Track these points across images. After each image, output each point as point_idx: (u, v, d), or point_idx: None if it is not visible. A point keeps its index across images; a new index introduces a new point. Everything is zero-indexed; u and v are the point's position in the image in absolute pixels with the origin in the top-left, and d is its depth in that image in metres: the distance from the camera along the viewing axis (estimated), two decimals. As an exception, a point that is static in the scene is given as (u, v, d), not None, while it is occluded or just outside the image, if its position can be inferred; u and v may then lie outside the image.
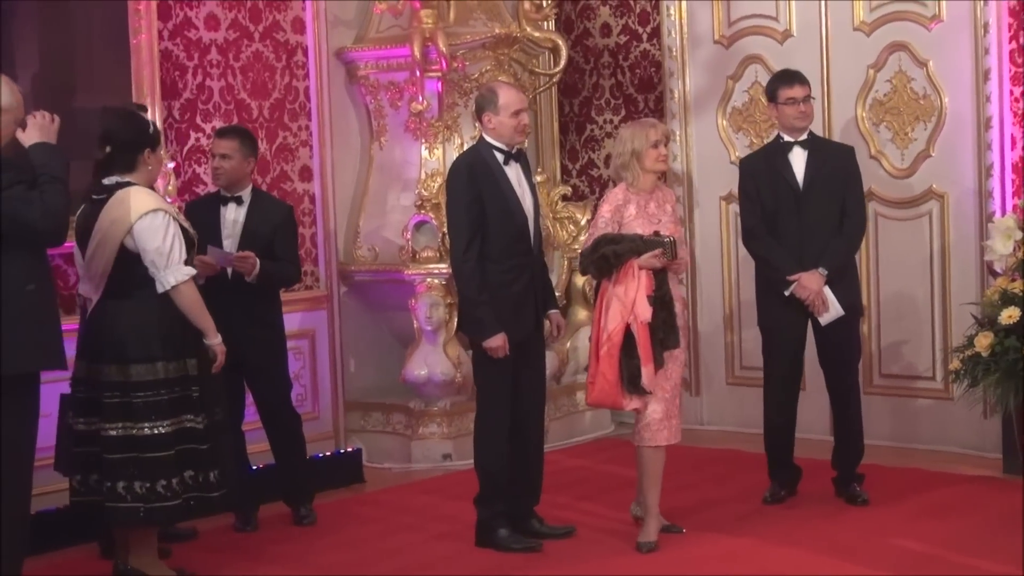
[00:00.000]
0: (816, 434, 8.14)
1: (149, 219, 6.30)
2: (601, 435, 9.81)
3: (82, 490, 6.46)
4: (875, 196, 9.01)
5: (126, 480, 6.29)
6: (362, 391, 9.36)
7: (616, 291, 6.89)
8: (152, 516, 6.37)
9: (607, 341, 6.88)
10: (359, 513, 7.97)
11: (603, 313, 6.94)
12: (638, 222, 6.99)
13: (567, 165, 10.55)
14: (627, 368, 6.86)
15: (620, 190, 7.06)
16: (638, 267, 6.87)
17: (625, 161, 7.04)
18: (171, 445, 6.34)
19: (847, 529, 7.17)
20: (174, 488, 6.33)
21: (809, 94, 7.64)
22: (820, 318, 7.50)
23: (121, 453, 6.30)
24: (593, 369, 6.99)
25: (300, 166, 8.91)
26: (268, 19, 8.74)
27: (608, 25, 10.34)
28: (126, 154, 6.44)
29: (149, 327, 6.34)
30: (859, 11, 9.11)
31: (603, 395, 6.95)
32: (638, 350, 6.83)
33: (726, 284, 9.70)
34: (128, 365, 6.30)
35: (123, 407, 6.31)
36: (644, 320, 6.84)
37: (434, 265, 8.93)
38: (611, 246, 6.90)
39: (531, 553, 6.99)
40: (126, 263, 6.34)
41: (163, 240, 6.31)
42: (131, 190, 6.39)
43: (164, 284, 6.33)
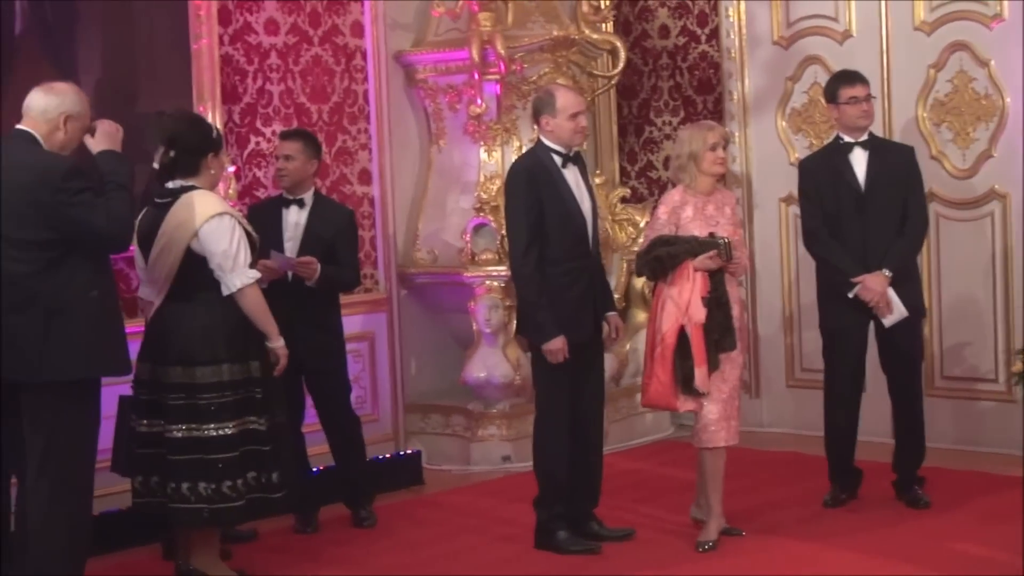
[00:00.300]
0: (877, 437, 8.07)
1: (216, 222, 6.35)
2: (660, 437, 9.79)
3: (143, 491, 6.50)
4: (936, 197, 8.95)
5: (191, 481, 6.34)
6: (422, 393, 9.39)
7: (670, 292, 6.90)
8: (216, 517, 6.42)
9: (660, 342, 6.90)
10: (418, 515, 7.99)
11: (658, 314, 6.95)
12: (695, 224, 6.99)
13: (626, 167, 10.54)
14: (681, 369, 6.87)
15: (677, 192, 7.07)
16: (693, 269, 6.87)
17: (683, 163, 7.06)
18: (236, 446, 6.38)
19: (909, 533, 7.13)
20: (239, 489, 6.38)
21: (870, 93, 7.60)
22: (884, 320, 7.45)
23: (186, 455, 6.35)
24: (648, 370, 7.01)
25: (359, 169, 8.95)
26: (327, 23, 8.78)
27: (666, 27, 10.32)
28: (190, 158, 6.49)
29: (214, 329, 6.39)
30: (919, 11, 9.05)
31: (657, 396, 6.97)
32: (692, 351, 6.84)
33: (785, 286, 9.66)
34: (193, 367, 6.35)
35: (188, 409, 6.35)
36: (698, 322, 6.85)
37: (493, 268, 8.94)
38: (665, 248, 6.91)
39: (590, 555, 6.98)
40: (191, 266, 6.38)
41: (229, 243, 6.35)
42: (196, 194, 6.44)
43: (230, 287, 6.38)
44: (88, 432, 5.89)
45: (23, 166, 5.72)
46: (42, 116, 5.84)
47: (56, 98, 5.86)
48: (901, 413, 7.68)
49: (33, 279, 5.69)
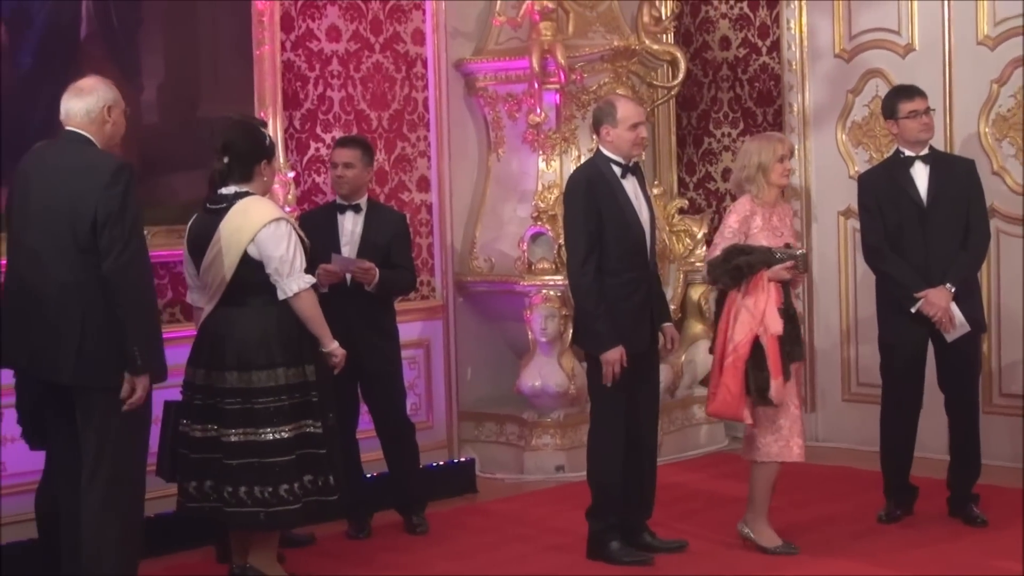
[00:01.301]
0: (933, 453, 8.01)
1: (273, 228, 6.40)
2: (715, 449, 9.76)
3: (197, 496, 6.53)
4: (997, 212, 8.89)
5: (247, 485, 6.37)
6: (476, 401, 9.40)
7: (746, 302, 6.91)
8: (273, 520, 6.45)
9: (732, 352, 6.90)
10: (471, 523, 8.00)
11: (729, 324, 6.94)
12: (763, 234, 7.03)
13: (684, 178, 10.52)
14: (755, 380, 6.86)
15: (747, 201, 7.09)
16: (767, 279, 6.89)
17: (751, 174, 7.07)
18: (292, 450, 6.41)
19: (962, 551, 7.08)
20: (295, 492, 6.41)
21: (929, 106, 7.55)
22: (947, 335, 7.40)
23: (242, 458, 6.38)
24: (715, 380, 7.01)
25: (418, 176, 8.97)
26: (389, 31, 8.81)
27: (727, 38, 10.30)
28: (244, 165, 6.53)
29: (269, 334, 6.43)
30: (983, 25, 8.99)
31: (724, 406, 6.96)
32: (767, 362, 6.84)
33: (844, 300, 9.61)
34: (250, 372, 6.39)
35: (244, 413, 6.39)
36: (775, 333, 6.86)
37: (550, 277, 8.95)
38: (744, 257, 6.93)
39: (642, 567, 6.97)
40: (247, 271, 6.42)
41: (287, 249, 6.40)
42: (252, 199, 6.49)
43: (286, 291, 6.42)
44: (140, 433, 5.93)
45: (80, 168, 5.77)
46: (87, 117, 5.90)
47: (92, 96, 5.92)
48: (957, 429, 7.62)
49: (76, 284, 5.73)
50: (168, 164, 7.71)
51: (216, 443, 6.43)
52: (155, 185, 7.54)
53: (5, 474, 7.08)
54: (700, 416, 9.82)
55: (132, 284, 5.76)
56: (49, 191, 5.79)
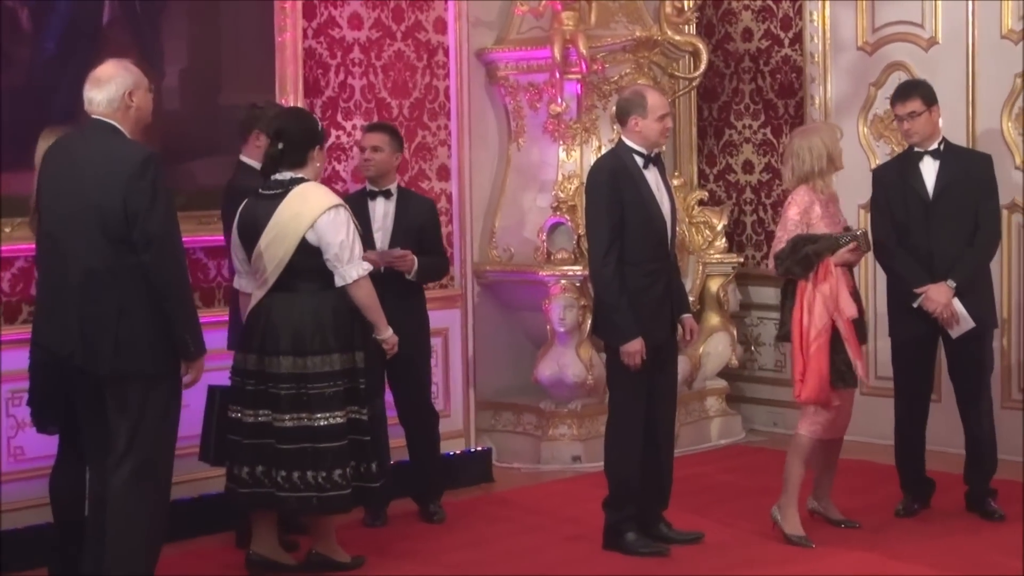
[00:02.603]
0: (952, 447, 8.00)
1: (332, 214, 6.48)
2: (732, 442, 9.76)
3: (250, 481, 6.57)
4: (1019, 208, 8.87)
5: (300, 470, 6.46)
6: (494, 391, 9.40)
7: (820, 289, 7.05)
8: (325, 505, 6.54)
9: (817, 338, 7.03)
10: (487, 512, 8.01)
11: (805, 312, 7.05)
12: (824, 222, 7.17)
13: (704, 170, 10.51)
14: (834, 364, 7.02)
15: (805, 192, 7.19)
16: (834, 264, 7.03)
17: (824, 166, 7.19)
18: (344, 435, 6.51)
19: (978, 546, 7.07)
20: (347, 477, 6.51)
21: (915, 110, 7.49)
22: (950, 331, 7.40)
23: (296, 443, 6.46)
24: (801, 367, 7.10)
25: (438, 165, 8.97)
26: (410, 19, 8.80)
27: (750, 30, 10.28)
28: (298, 151, 6.60)
29: (325, 319, 6.50)
30: (1007, 19, 8.96)
31: (817, 391, 7.06)
32: (845, 344, 7.02)
33: (863, 293, 9.54)
34: (305, 357, 6.47)
35: (299, 398, 6.47)
36: (851, 315, 7.06)
37: (569, 267, 8.95)
38: (811, 246, 7.06)
39: (659, 558, 6.98)
40: (304, 257, 6.49)
41: (347, 235, 6.49)
42: (310, 185, 6.58)
43: (346, 278, 6.50)
44: (171, 420, 5.95)
45: (106, 158, 5.77)
46: (109, 105, 5.89)
47: (111, 84, 5.89)
48: (969, 425, 7.62)
49: (109, 274, 5.74)
50: (189, 150, 7.72)
51: (269, 428, 6.49)
52: (175, 171, 7.53)
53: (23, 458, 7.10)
54: (717, 408, 9.83)
55: (174, 275, 5.79)
56: (77, 181, 5.78)
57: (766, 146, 10.13)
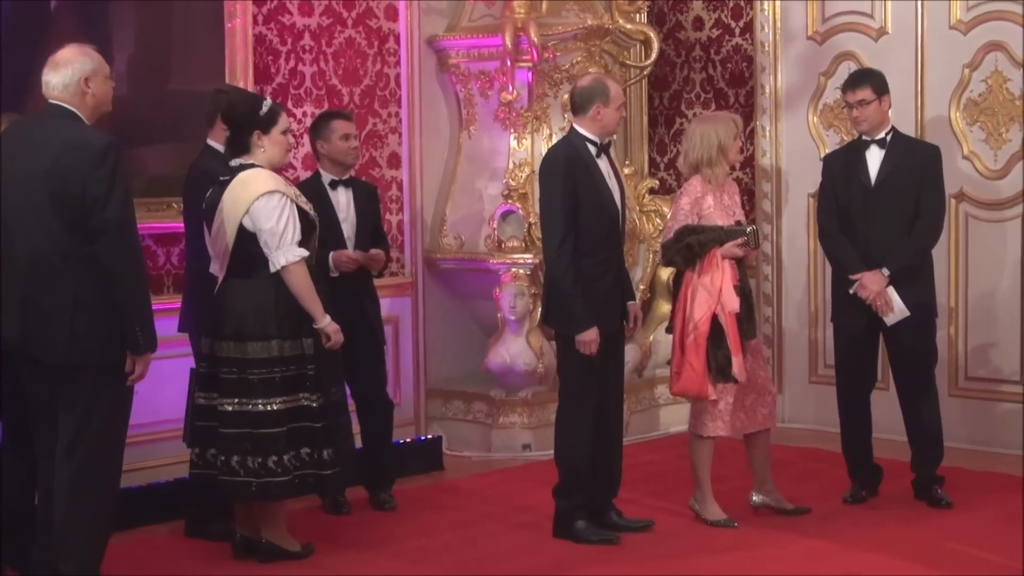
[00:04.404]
0: (901, 435, 8.04)
1: (264, 200, 6.46)
2: (681, 429, 9.72)
3: (200, 463, 6.61)
4: (966, 197, 8.93)
5: (240, 455, 6.47)
6: (444, 379, 9.40)
7: (702, 281, 6.99)
8: (263, 491, 6.53)
9: (693, 331, 6.98)
10: (438, 501, 8.00)
11: (687, 303, 7.01)
12: (716, 213, 7.13)
13: (655, 158, 10.53)
14: (715, 358, 6.96)
15: (697, 182, 7.18)
16: (721, 256, 6.97)
17: (713, 156, 7.13)
18: (283, 422, 6.50)
19: (924, 533, 7.12)
20: (284, 464, 6.49)
21: (864, 98, 7.53)
22: (885, 318, 7.45)
23: (236, 428, 6.48)
24: (678, 359, 7.08)
25: (389, 153, 8.95)
26: (361, 6, 8.78)
27: (701, 19, 10.30)
28: (238, 137, 6.62)
29: (266, 306, 6.50)
30: (956, 10, 9.01)
31: (690, 384, 7.04)
32: (727, 340, 6.93)
33: (811, 282, 9.64)
34: (245, 342, 6.48)
35: (239, 383, 6.48)
36: (732, 310, 6.98)
37: (519, 255, 8.95)
38: (695, 236, 7.01)
39: (608, 546, 6.99)
40: (244, 243, 6.49)
41: (277, 221, 6.46)
42: (253, 171, 6.57)
43: (275, 264, 6.49)
44: (121, 413, 5.91)
45: (65, 145, 5.70)
46: (65, 90, 5.84)
47: (67, 68, 5.84)
48: (910, 413, 7.66)
49: (63, 262, 5.69)
50: (138, 137, 7.66)
51: (214, 411, 6.53)
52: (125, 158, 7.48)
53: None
54: (666, 396, 9.84)
55: (129, 266, 5.75)
56: (33, 165, 5.71)
57: (717, 135, 10.14)
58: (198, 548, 7.00)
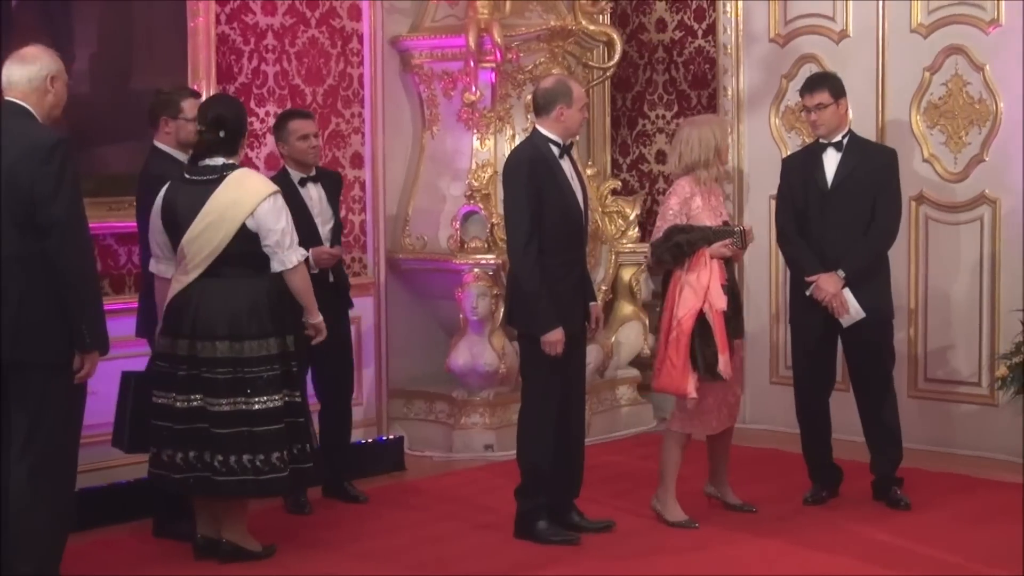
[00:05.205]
0: (861, 436, 8.10)
1: (272, 201, 6.54)
2: (643, 430, 9.81)
3: (183, 466, 6.54)
4: (926, 200, 8.98)
5: (238, 454, 6.47)
6: (406, 379, 9.39)
7: (688, 279, 7.09)
8: (263, 488, 6.59)
9: (676, 327, 7.05)
10: (399, 500, 8.00)
11: (674, 301, 7.11)
12: (705, 214, 7.21)
13: (618, 159, 10.55)
14: (703, 356, 7.03)
15: (687, 183, 7.24)
16: (709, 256, 7.06)
17: (710, 157, 7.22)
18: (281, 418, 6.55)
19: (885, 533, 7.15)
20: (285, 460, 6.55)
21: (822, 102, 7.57)
22: (840, 320, 7.50)
23: (233, 427, 6.47)
24: (661, 355, 7.13)
25: (352, 153, 8.94)
26: (325, 6, 8.76)
27: (663, 20, 10.33)
28: (235, 139, 6.66)
29: (260, 304, 6.54)
30: (917, 13, 9.06)
31: (669, 380, 7.11)
32: (714, 337, 7.00)
33: (773, 283, 9.67)
34: (242, 341, 6.50)
35: (236, 382, 6.48)
36: (720, 308, 7.06)
37: (482, 256, 8.95)
38: (683, 235, 7.10)
39: (569, 546, 7.00)
40: (243, 243, 6.50)
41: (286, 221, 6.57)
42: (247, 172, 6.67)
43: (286, 263, 6.56)
44: (75, 411, 5.89)
45: (16, 143, 5.69)
46: (29, 85, 5.83)
47: (35, 64, 5.85)
48: (868, 415, 7.71)
49: (13, 259, 5.66)
50: (99, 135, 7.65)
51: (203, 413, 6.49)
52: (85, 156, 7.46)
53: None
54: (628, 397, 9.88)
55: (76, 263, 5.72)
56: None
57: (679, 136, 10.17)
58: (159, 548, 6.99)
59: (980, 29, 8.78)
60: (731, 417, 7.47)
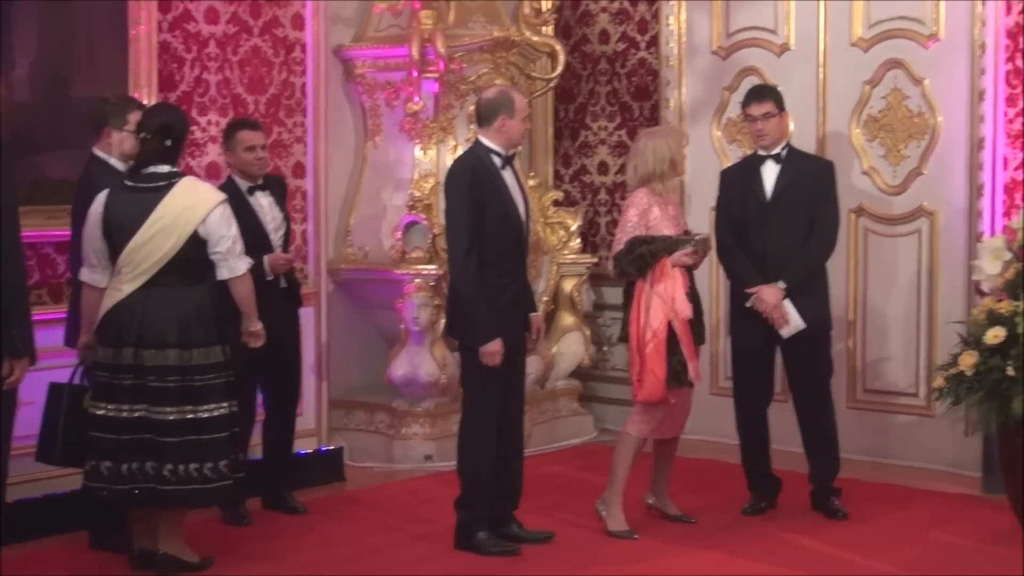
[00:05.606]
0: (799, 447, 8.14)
1: (222, 209, 6.57)
2: (584, 441, 9.83)
3: (128, 477, 6.47)
4: (866, 212, 9.04)
5: (185, 462, 6.45)
6: (346, 389, 9.37)
7: (656, 290, 7.16)
8: (211, 496, 6.61)
9: (653, 338, 7.13)
10: (339, 511, 7.98)
11: (643, 312, 7.16)
12: (663, 224, 7.27)
13: (560, 170, 10.57)
14: (671, 364, 7.11)
15: (643, 195, 7.29)
16: (671, 265, 7.13)
17: (664, 169, 7.27)
18: (227, 427, 6.56)
19: (823, 544, 7.19)
20: (231, 468, 6.55)
21: (769, 111, 7.65)
22: (780, 331, 7.54)
23: (181, 436, 6.44)
24: (639, 367, 7.19)
25: (294, 162, 8.91)
26: (268, 15, 8.73)
27: (607, 32, 10.36)
28: (179, 147, 6.69)
29: (207, 312, 6.55)
30: (857, 27, 9.12)
31: (654, 390, 7.16)
32: (681, 346, 7.11)
33: (712, 295, 9.70)
34: (191, 349, 6.48)
35: (184, 390, 6.46)
36: (686, 316, 7.15)
37: (423, 266, 8.94)
38: (646, 246, 7.16)
39: (509, 557, 7.01)
40: (192, 249, 6.49)
41: (235, 229, 6.59)
42: (194, 180, 6.74)
43: (235, 271, 6.59)
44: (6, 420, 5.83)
45: None
46: None
47: None
48: (806, 425, 7.77)
49: None
50: (40, 143, 7.59)
51: (147, 422, 6.45)
52: (23, 164, 7.41)
53: None
54: (569, 407, 9.89)
55: (9, 269, 5.67)
56: None
57: (621, 148, 10.20)
58: (94, 561, 6.93)
59: (919, 43, 8.86)
60: (682, 425, 7.52)
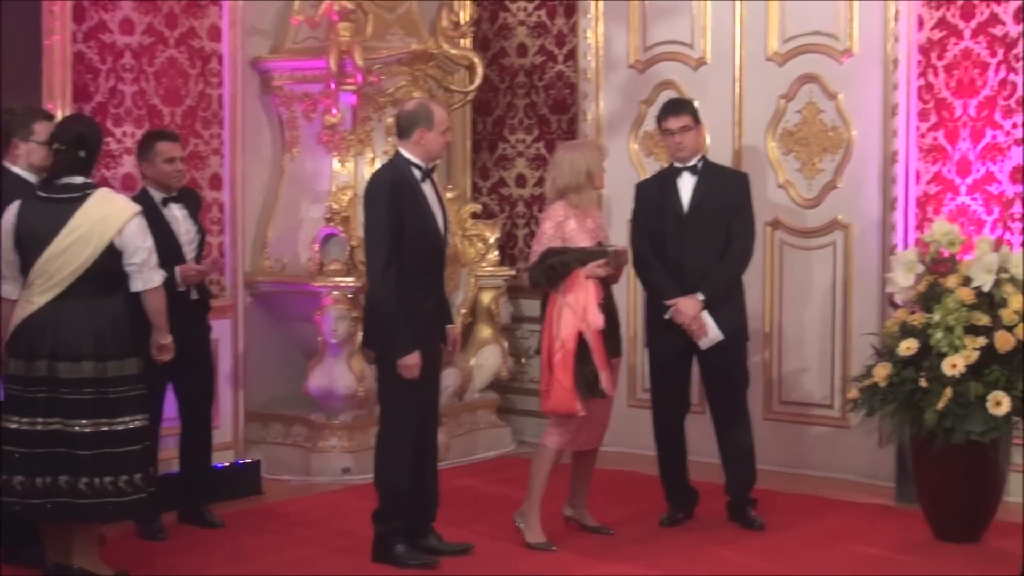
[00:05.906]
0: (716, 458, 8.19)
1: (138, 220, 6.54)
2: (502, 453, 9.83)
3: (42, 491, 6.39)
4: (781, 225, 9.12)
5: (100, 476, 6.39)
6: (263, 402, 9.31)
7: (567, 300, 7.17)
8: (122, 510, 6.54)
9: (560, 349, 7.13)
10: (256, 525, 7.93)
11: (554, 322, 7.17)
12: (580, 236, 7.28)
13: (478, 183, 10.58)
14: (582, 374, 7.10)
15: (560, 207, 7.31)
16: (584, 276, 7.13)
17: (580, 182, 7.29)
18: (142, 439, 6.51)
19: (740, 554, 7.25)
20: (145, 481, 6.50)
21: (687, 125, 7.71)
22: (699, 342, 7.59)
23: (96, 448, 6.39)
24: (547, 378, 7.21)
25: (210, 174, 8.85)
26: (184, 26, 8.67)
27: (525, 45, 10.39)
28: (94, 158, 6.66)
29: (121, 324, 6.52)
30: (773, 42, 9.21)
31: (560, 402, 7.16)
32: (593, 356, 7.09)
33: (630, 307, 9.74)
34: (106, 361, 6.43)
35: (99, 403, 6.41)
36: (597, 327, 7.14)
37: (341, 278, 8.92)
38: (557, 257, 7.18)
39: (427, 570, 7.00)
40: (107, 260, 6.45)
41: (150, 241, 6.56)
42: (109, 191, 6.69)
43: (149, 283, 6.56)
44: None
45: None
46: None
47: None
48: (723, 437, 7.82)
49: None
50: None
51: (61, 435, 6.39)
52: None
53: None
54: (487, 420, 9.89)
55: None
56: None
57: (539, 160, 10.24)
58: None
59: (834, 58, 8.96)
60: (600, 437, 7.54)
